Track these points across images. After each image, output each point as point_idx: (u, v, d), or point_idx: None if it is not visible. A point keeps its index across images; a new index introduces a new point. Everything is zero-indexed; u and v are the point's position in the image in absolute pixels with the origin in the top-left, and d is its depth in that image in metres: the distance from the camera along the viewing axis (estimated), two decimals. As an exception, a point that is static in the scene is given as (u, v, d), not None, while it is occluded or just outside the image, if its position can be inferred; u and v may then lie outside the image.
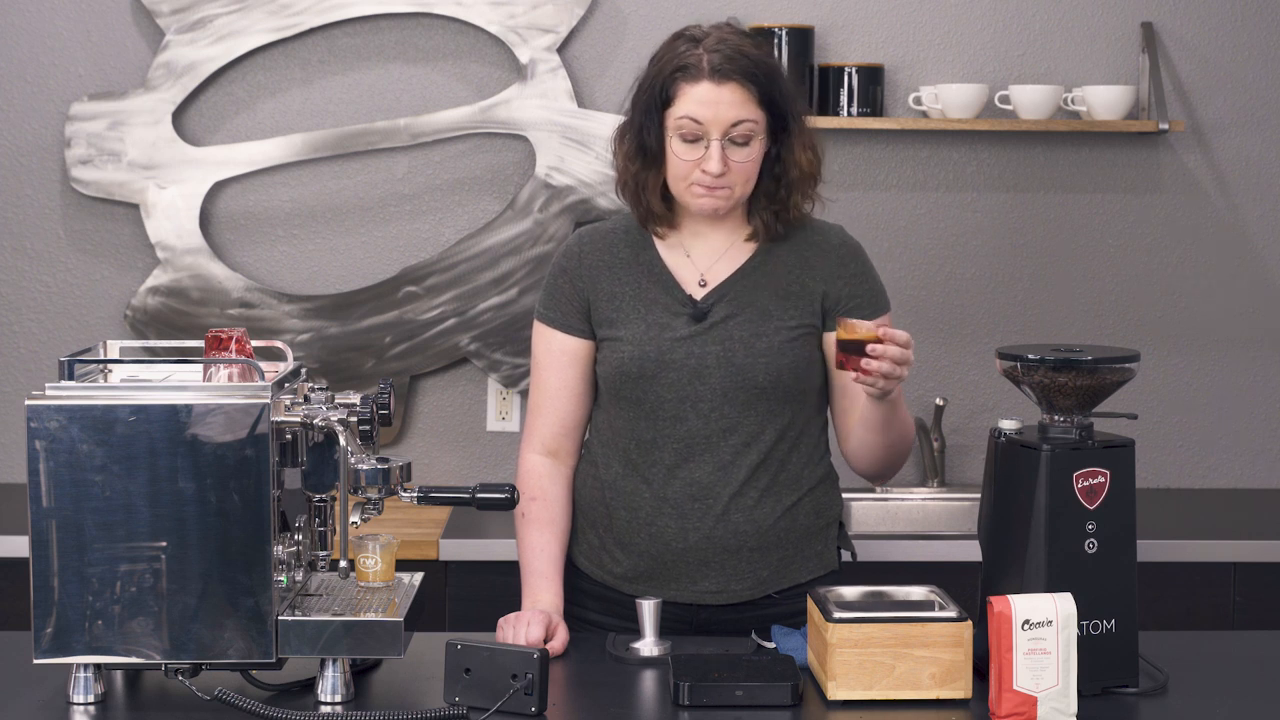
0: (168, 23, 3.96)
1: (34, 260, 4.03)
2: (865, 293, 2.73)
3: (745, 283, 2.71)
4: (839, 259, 2.73)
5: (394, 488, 2.42)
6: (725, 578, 2.70)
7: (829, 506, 2.77)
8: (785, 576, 2.72)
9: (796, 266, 2.72)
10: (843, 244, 2.76)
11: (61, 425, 2.28)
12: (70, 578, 2.29)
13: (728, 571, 2.70)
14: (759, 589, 2.71)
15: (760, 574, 2.71)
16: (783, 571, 2.72)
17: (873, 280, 2.76)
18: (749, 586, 2.71)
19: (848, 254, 2.74)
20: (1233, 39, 4.07)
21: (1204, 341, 4.12)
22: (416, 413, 4.09)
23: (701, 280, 2.72)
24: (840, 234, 2.78)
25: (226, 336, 2.43)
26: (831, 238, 2.76)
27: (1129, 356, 2.44)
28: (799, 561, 2.73)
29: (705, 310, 2.69)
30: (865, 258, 2.77)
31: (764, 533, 2.69)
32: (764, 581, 2.71)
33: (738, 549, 2.69)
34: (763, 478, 2.69)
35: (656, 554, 2.71)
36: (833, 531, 2.78)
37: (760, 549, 2.70)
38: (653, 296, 2.72)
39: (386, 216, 4.05)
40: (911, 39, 4.04)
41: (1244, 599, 3.52)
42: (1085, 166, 4.08)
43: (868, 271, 2.75)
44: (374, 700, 2.37)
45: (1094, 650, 2.36)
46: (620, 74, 4.02)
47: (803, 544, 2.73)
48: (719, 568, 2.70)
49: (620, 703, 2.41)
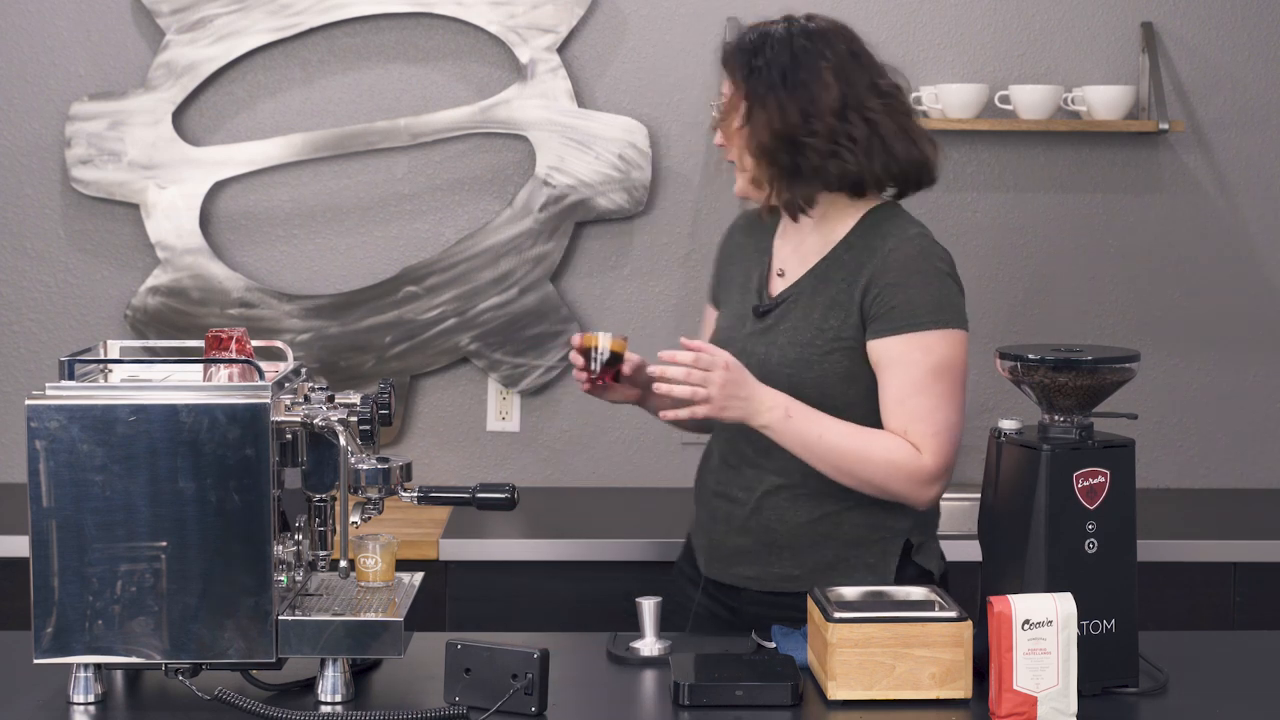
0: (168, 22, 3.96)
1: (34, 260, 4.03)
2: (898, 304, 2.59)
3: (808, 285, 2.69)
4: (882, 266, 2.62)
5: (394, 488, 2.42)
6: (760, 566, 2.72)
7: (889, 521, 2.68)
8: (828, 579, 2.64)
9: (853, 273, 2.65)
10: (894, 250, 2.62)
11: (62, 425, 2.28)
12: (70, 577, 2.29)
13: (760, 563, 2.72)
14: (793, 584, 2.68)
15: (792, 571, 2.70)
16: (825, 574, 2.67)
17: (909, 292, 2.59)
18: (781, 579, 2.70)
19: (893, 261, 2.62)
20: (1233, 39, 4.07)
21: (1204, 341, 4.12)
22: (416, 413, 4.09)
23: (780, 271, 2.75)
24: (901, 239, 2.64)
25: (226, 336, 2.43)
26: (890, 242, 2.64)
27: (1129, 356, 2.44)
28: (843, 568, 2.68)
29: (768, 309, 2.72)
30: (915, 267, 2.60)
31: (795, 532, 2.69)
32: (798, 579, 2.69)
33: (770, 544, 2.71)
34: (795, 480, 2.68)
35: (712, 533, 2.78)
36: (894, 547, 2.69)
37: (793, 548, 2.70)
38: (746, 286, 2.78)
39: (386, 216, 4.05)
40: (911, 39, 4.04)
41: (1244, 599, 3.52)
42: (1085, 166, 4.08)
43: (906, 283, 2.60)
44: (374, 700, 2.37)
45: (1094, 650, 2.36)
46: (620, 74, 4.03)
47: (848, 551, 2.69)
48: (755, 557, 2.72)
49: (620, 703, 2.41)
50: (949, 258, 2.66)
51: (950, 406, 2.59)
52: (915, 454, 2.59)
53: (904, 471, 2.59)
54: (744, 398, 2.57)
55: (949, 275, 2.64)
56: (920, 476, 2.59)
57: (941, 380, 2.59)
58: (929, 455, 2.59)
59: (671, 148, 4.05)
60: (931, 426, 2.59)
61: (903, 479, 2.60)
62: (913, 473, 2.59)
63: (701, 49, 4.03)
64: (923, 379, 2.59)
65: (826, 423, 2.60)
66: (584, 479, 4.10)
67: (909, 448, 2.59)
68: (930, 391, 2.59)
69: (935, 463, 2.59)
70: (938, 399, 2.59)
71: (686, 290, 4.07)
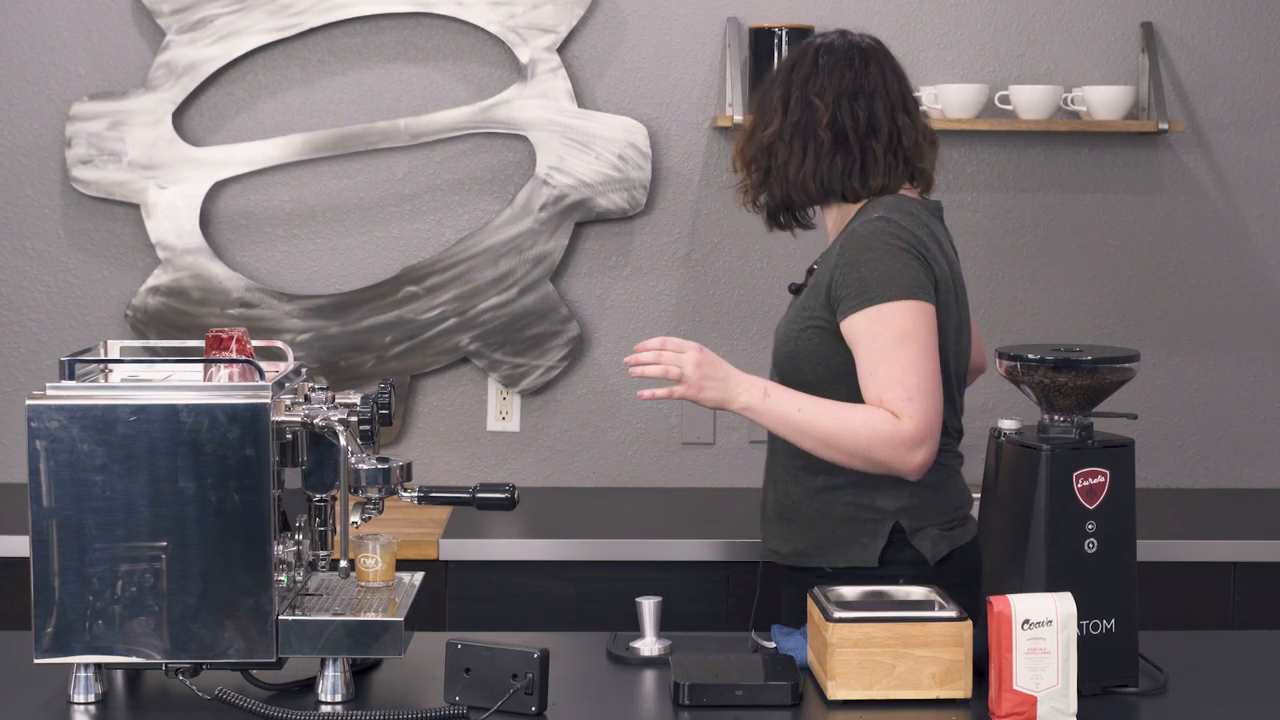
0: (168, 23, 3.96)
1: (34, 260, 4.03)
2: (851, 282, 2.68)
3: (813, 276, 2.83)
4: (840, 248, 2.73)
5: (394, 488, 2.42)
6: (777, 540, 2.85)
7: (878, 503, 2.76)
8: (826, 555, 2.78)
9: (830, 259, 2.76)
10: (850, 233, 2.73)
11: (62, 425, 2.28)
12: (71, 577, 2.29)
13: (778, 535, 2.85)
14: (803, 559, 2.81)
15: (798, 545, 2.81)
16: (824, 549, 2.78)
17: (863, 269, 2.67)
18: (791, 554, 2.82)
19: (848, 242, 2.72)
20: (1233, 39, 4.07)
21: (1204, 341, 4.12)
22: (416, 413, 4.09)
23: (812, 266, 2.87)
24: (863, 222, 2.74)
25: (227, 336, 2.43)
26: (854, 227, 2.75)
27: (1129, 356, 2.44)
28: (838, 546, 2.78)
29: (793, 297, 2.89)
30: (865, 245, 2.69)
31: (795, 506, 2.81)
32: (805, 553, 2.81)
33: (779, 518, 2.85)
34: (795, 456, 2.78)
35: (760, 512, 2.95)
36: (882, 529, 2.76)
37: (795, 521, 2.82)
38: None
39: (386, 216, 4.05)
40: (911, 39, 4.04)
41: (1244, 599, 3.52)
42: (1085, 166, 4.08)
43: (859, 260, 2.68)
44: (374, 700, 2.37)
45: (1094, 650, 2.36)
46: (620, 74, 4.03)
47: (841, 529, 2.77)
48: (774, 530, 2.87)
49: (620, 703, 2.41)
50: (909, 235, 2.70)
51: (920, 372, 2.64)
52: (894, 420, 2.63)
53: (883, 436, 2.63)
54: (720, 379, 2.69)
55: (904, 250, 2.68)
56: (901, 440, 2.63)
57: (906, 348, 2.64)
58: (907, 420, 2.63)
59: (671, 148, 4.05)
60: (905, 391, 2.63)
61: (884, 443, 2.64)
62: (892, 436, 2.63)
63: (701, 49, 4.03)
64: (887, 348, 2.65)
65: (804, 400, 2.69)
66: (584, 479, 4.10)
67: (887, 414, 2.64)
68: (897, 359, 2.64)
69: (914, 425, 2.63)
70: (906, 365, 2.64)
71: (686, 290, 4.07)
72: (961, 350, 2.80)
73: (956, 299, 2.76)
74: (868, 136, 2.76)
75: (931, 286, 2.69)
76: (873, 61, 2.80)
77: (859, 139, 2.76)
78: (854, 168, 2.76)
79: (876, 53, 2.82)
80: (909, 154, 2.79)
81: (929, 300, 2.68)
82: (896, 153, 2.77)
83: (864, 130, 2.76)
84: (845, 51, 2.80)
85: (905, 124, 2.79)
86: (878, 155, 2.76)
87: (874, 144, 2.76)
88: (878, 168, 2.76)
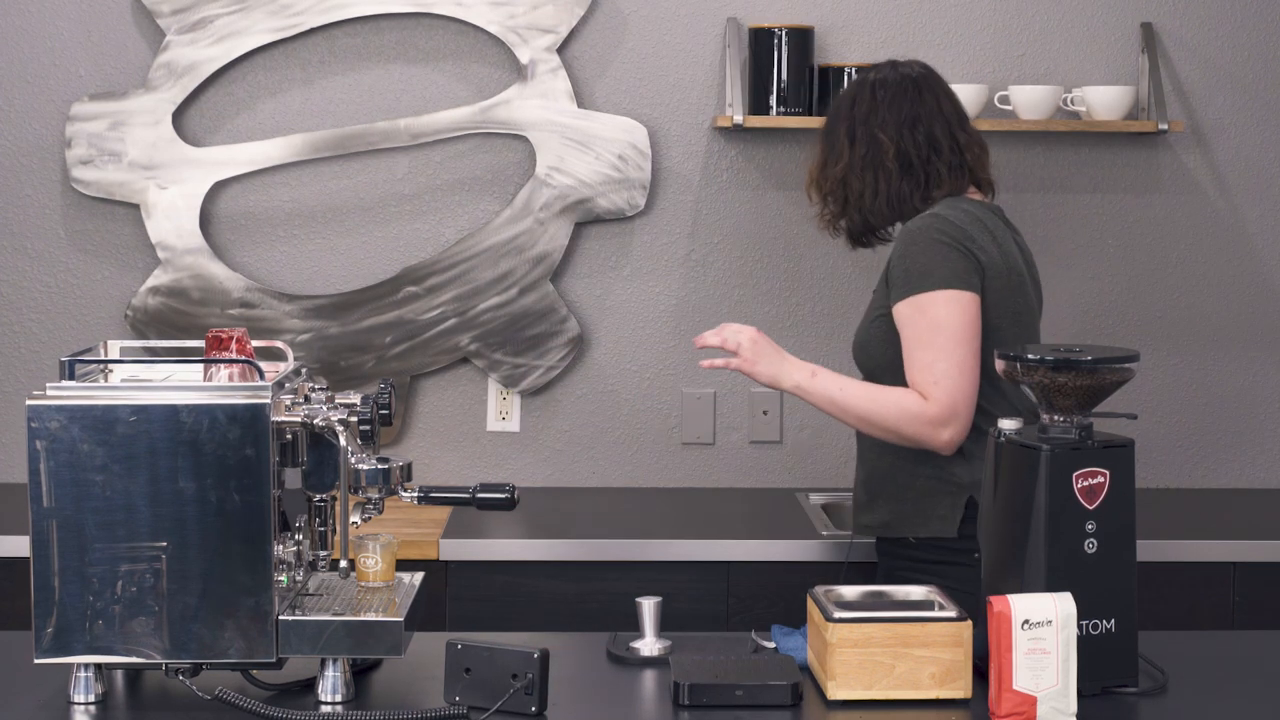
0: (168, 23, 3.96)
1: (34, 260, 4.03)
2: (899, 273, 2.95)
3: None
4: (896, 243, 3.02)
5: (394, 488, 2.42)
6: (866, 515, 3.10)
7: (955, 474, 2.98)
8: (909, 525, 3.03)
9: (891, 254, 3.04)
10: (905, 229, 3.01)
11: (62, 425, 2.28)
12: (71, 577, 2.29)
13: (867, 510, 3.10)
14: (888, 530, 3.06)
15: (884, 517, 3.06)
16: (907, 520, 3.03)
17: (908, 261, 2.94)
18: (879, 525, 3.08)
19: (901, 238, 3.01)
20: (1233, 39, 4.07)
21: (1204, 341, 4.12)
22: (416, 413, 4.09)
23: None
24: (915, 219, 3.00)
25: (227, 336, 2.43)
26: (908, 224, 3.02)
27: (1129, 356, 2.44)
28: (920, 517, 3.01)
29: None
30: (912, 239, 2.96)
31: (881, 481, 3.06)
32: (890, 524, 3.06)
33: (867, 493, 3.09)
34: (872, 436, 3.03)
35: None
36: (959, 501, 2.98)
37: (881, 495, 3.06)
38: None
39: (386, 216, 4.05)
40: (911, 39, 4.04)
41: (1244, 599, 3.52)
42: (1085, 166, 4.08)
43: (906, 253, 2.95)
44: (374, 700, 2.37)
45: (1094, 650, 2.36)
46: (620, 74, 4.03)
47: (923, 501, 3.01)
48: (863, 505, 3.11)
49: (620, 703, 2.41)
50: (953, 229, 2.95)
51: (948, 358, 2.89)
52: (922, 400, 2.91)
53: (910, 414, 2.91)
54: (774, 358, 3.02)
55: (946, 244, 2.94)
56: (925, 419, 2.90)
57: (939, 335, 2.90)
58: (931, 402, 2.90)
59: (671, 148, 4.05)
60: (931, 375, 2.90)
61: (910, 420, 2.91)
62: (917, 415, 2.91)
63: (701, 49, 4.03)
64: (921, 335, 2.92)
65: (846, 381, 3.00)
66: (584, 479, 4.10)
67: (917, 396, 2.92)
68: (929, 346, 2.91)
69: (938, 407, 2.90)
70: (936, 352, 2.90)
71: (686, 290, 4.07)
72: (1023, 332, 3.02)
73: (1014, 287, 2.99)
74: (930, 158, 3.05)
75: (975, 276, 2.93)
76: (925, 89, 3.08)
77: (923, 163, 3.05)
78: (921, 186, 3.05)
79: (927, 79, 3.10)
80: (970, 165, 3.08)
81: (968, 289, 2.92)
82: (959, 166, 3.07)
83: (926, 154, 3.05)
84: (899, 84, 3.08)
85: (963, 139, 3.08)
86: (942, 173, 3.05)
87: (937, 163, 3.05)
88: (942, 182, 3.04)
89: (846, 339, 3.84)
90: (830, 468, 4.10)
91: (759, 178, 4.06)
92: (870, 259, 4.02)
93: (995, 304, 2.96)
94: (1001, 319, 2.97)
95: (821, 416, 4.08)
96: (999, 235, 3.02)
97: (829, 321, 4.06)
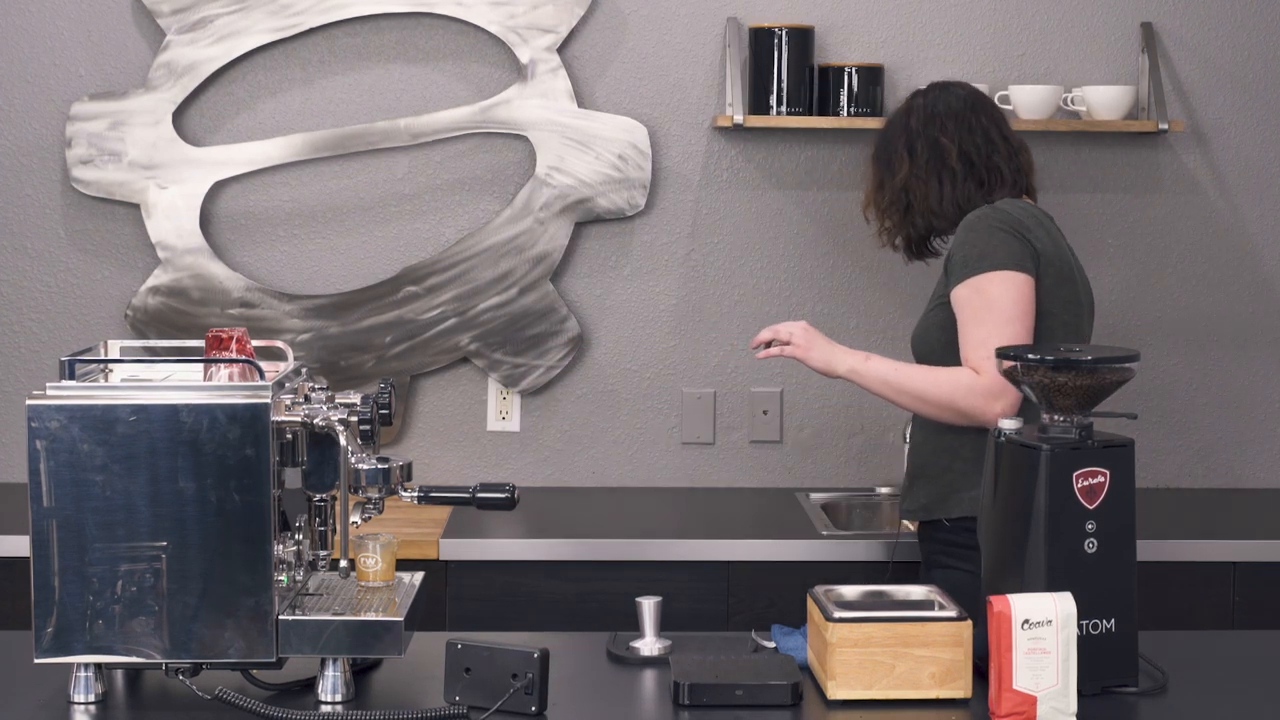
0: (168, 23, 3.96)
1: (34, 260, 4.03)
2: (957, 260, 3.05)
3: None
4: (955, 234, 3.12)
5: (394, 487, 2.42)
6: (909, 499, 3.19)
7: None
8: (943, 508, 3.11)
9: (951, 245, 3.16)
10: (963, 222, 3.10)
11: (62, 425, 2.28)
12: (71, 577, 2.29)
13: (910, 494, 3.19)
14: (926, 513, 3.15)
15: (923, 500, 3.15)
16: (942, 502, 3.11)
17: (966, 248, 3.04)
18: (919, 509, 3.16)
19: (960, 228, 3.10)
20: (1233, 39, 4.07)
21: (1204, 341, 4.12)
22: (416, 413, 4.09)
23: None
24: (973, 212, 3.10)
25: (227, 336, 2.43)
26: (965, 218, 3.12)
27: (1129, 356, 2.44)
28: (954, 499, 3.09)
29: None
30: (970, 228, 3.06)
31: (924, 464, 3.15)
32: (928, 508, 3.14)
33: (911, 477, 3.19)
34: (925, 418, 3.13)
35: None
36: None
37: (923, 478, 3.15)
38: None
39: (386, 216, 4.05)
40: (911, 39, 4.04)
41: (1244, 599, 3.52)
42: (1085, 166, 4.08)
43: (964, 240, 3.06)
44: (374, 700, 2.37)
45: (1094, 650, 2.36)
46: (620, 74, 4.03)
47: (959, 482, 3.09)
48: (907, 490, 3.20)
49: (620, 703, 2.41)
50: (1007, 217, 3.06)
51: (1000, 335, 2.97)
52: (974, 374, 3.00)
53: (963, 386, 3.00)
54: (825, 346, 3.15)
55: (999, 229, 3.04)
56: (979, 390, 2.98)
57: (991, 313, 2.99)
58: (984, 374, 2.98)
59: (671, 148, 4.05)
60: (985, 350, 2.96)
61: (965, 393, 3.00)
62: (971, 386, 2.99)
63: (701, 49, 4.03)
64: (976, 313, 3.01)
65: (899, 363, 3.11)
66: (584, 479, 4.10)
67: (969, 370, 3.01)
68: (983, 323, 2.99)
69: (990, 379, 2.97)
70: (989, 329, 2.98)
71: (686, 290, 4.07)
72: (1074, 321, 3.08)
73: (1066, 277, 3.07)
74: (991, 155, 3.16)
75: (1029, 260, 3.02)
76: (975, 100, 3.22)
77: (984, 160, 3.16)
78: (984, 186, 3.15)
79: (972, 91, 3.24)
80: (1023, 166, 3.20)
81: (1023, 271, 3.01)
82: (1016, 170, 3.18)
83: (985, 152, 3.16)
84: (949, 94, 3.22)
85: (1016, 140, 3.21)
86: (1003, 170, 3.16)
87: (997, 160, 3.16)
88: (1004, 180, 3.16)
89: (847, 338, 3.85)
90: (830, 468, 4.10)
91: (759, 178, 4.06)
92: (874, 262, 4.02)
93: (1049, 290, 3.04)
94: (1054, 304, 3.05)
95: (822, 417, 4.08)
96: (1053, 232, 3.12)
97: (829, 321, 4.06)
